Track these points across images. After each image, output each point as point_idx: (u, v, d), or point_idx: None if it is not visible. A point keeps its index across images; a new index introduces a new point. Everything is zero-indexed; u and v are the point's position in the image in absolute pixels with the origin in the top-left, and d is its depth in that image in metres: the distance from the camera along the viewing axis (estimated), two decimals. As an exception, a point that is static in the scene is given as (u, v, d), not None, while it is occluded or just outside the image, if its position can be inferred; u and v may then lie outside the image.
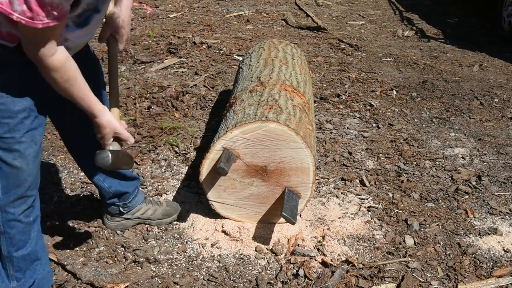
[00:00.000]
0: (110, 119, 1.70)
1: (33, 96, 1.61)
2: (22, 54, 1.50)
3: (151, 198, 2.47)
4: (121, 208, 2.30)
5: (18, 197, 1.69)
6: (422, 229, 2.50)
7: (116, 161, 1.70)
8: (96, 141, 1.88)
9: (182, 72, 4.49)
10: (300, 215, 2.52)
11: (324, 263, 2.22)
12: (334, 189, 2.82)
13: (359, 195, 2.77)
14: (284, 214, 2.17)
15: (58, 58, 1.47)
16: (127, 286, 2.06)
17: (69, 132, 2.00)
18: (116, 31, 1.85)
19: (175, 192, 2.73)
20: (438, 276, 2.19)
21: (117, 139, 1.75)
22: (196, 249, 2.30)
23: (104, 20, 1.80)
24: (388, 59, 5.25)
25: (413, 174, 3.02)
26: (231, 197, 2.39)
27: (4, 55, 1.51)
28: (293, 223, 2.21)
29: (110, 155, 1.67)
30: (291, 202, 2.28)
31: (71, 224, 2.43)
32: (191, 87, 4.11)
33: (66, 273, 2.13)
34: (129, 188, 2.27)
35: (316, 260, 2.24)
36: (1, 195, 1.66)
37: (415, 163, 3.15)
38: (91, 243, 2.31)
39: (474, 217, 2.64)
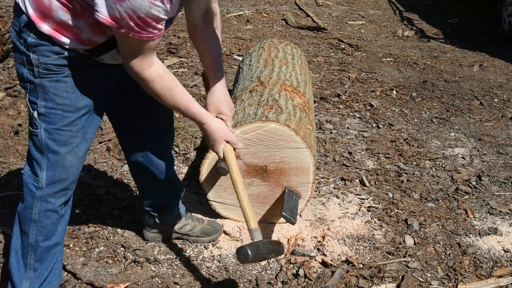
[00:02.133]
0: (219, 125, 1.83)
1: (96, 95, 1.70)
2: (92, 58, 1.62)
3: (192, 214, 2.40)
4: (156, 219, 2.24)
5: (62, 189, 1.74)
6: (422, 229, 2.50)
7: (257, 254, 1.69)
8: (149, 141, 2.02)
9: (182, 72, 4.49)
10: (300, 215, 2.52)
11: (324, 263, 2.22)
12: (334, 189, 2.82)
13: (359, 195, 2.77)
14: (284, 214, 2.17)
15: (156, 69, 1.58)
16: (127, 286, 2.06)
17: (123, 128, 2.04)
18: (219, 113, 1.93)
19: (175, 192, 2.73)
20: (438, 276, 2.19)
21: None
22: (196, 249, 2.30)
23: None
24: (388, 59, 5.25)
25: (413, 174, 3.02)
26: (231, 197, 2.39)
27: (77, 57, 1.60)
28: (293, 223, 2.21)
29: (249, 251, 1.66)
30: (291, 202, 2.28)
31: (71, 224, 2.42)
32: (191, 87, 4.11)
33: (66, 273, 2.13)
34: (170, 201, 2.22)
35: (316, 260, 2.24)
36: (45, 186, 1.71)
37: (415, 163, 3.15)
38: (91, 243, 2.31)
39: (474, 217, 2.64)
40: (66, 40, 1.56)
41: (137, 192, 2.29)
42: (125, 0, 1.37)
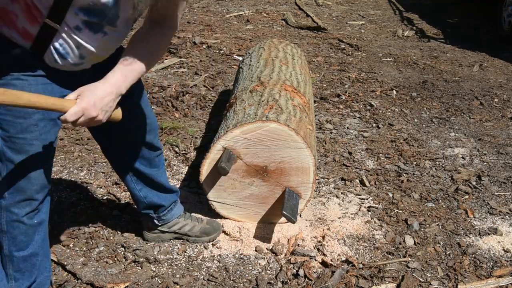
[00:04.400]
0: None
1: None
2: (40, 58, 1.50)
3: (191, 214, 2.39)
4: (155, 221, 2.23)
5: (24, 199, 1.66)
6: (422, 229, 2.50)
7: None
8: (133, 148, 1.93)
9: (182, 72, 4.49)
10: (300, 215, 2.52)
11: (324, 263, 2.22)
12: (334, 189, 2.82)
13: (359, 195, 2.77)
14: (284, 213, 2.17)
15: None
16: (127, 286, 2.06)
17: (105, 138, 1.96)
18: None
19: (175, 192, 2.73)
20: (438, 276, 2.19)
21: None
22: (196, 249, 2.30)
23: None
24: (388, 59, 5.25)
25: (413, 174, 3.02)
26: (231, 197, 2.39)
27: (23, 58, 1.49)
28: (293, 222, 2.21)
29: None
30: (291, 201, 2.28)
31: (71, 224, 2.43)
32: (191, 87, 4.11)
33: (66, 273, 2.13)
34: (165, 201, 2.19)
35: (316, 260, 2.24)
36: (7, 195, 1.63)
37: (415, 163, 3.15)
38: (91, 243, 2.31)
39: (474, 217, 2.64)
40: (5, 29, 1.45)
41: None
42: None
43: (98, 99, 1.47)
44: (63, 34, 1.48)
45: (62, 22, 1.44)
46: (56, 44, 1.49)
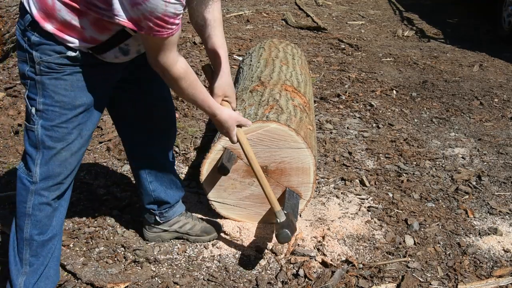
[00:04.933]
0: (230, 113, 1.92)
1: (94, 94, 1.72)
2: (94, 56, 1.65)
3: (192, 214, 2.40)
4: (157, 217, 2.24)
5: (55, 184, 1.76)
6: (422, 229, 2.50)
7: (293, 230, 2.06)
8: (151, 138, 2.05)
9: (182, 72, 4.48)
10: (300, 215, 2.52)
11: (324, 263, 2.22)
12: (334, 189, 2.82)
13: (359, 195, 2.77)
14: (285, 212, 2.17)
15: (181, 65, 1.65)
16: (127, 286, 2.06)
17: (130, 120, 2.04)
18: (226, 96, 2.02)
19: (175, 192, 2.73)
20: (438, 276, 2.19)
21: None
22: (196, 249, 2.30)
23: None
24: (388, 59, 5.25)
25: (413, 174, 3.02)
26: (231, 197, 2.39)
27: (79, 56, 1.63)
28: (293, 223, 2.21)
29: (288, 232, 2.01)
30: (292, 201, 2.28)
31: (71, 224, 2.43)
32: (191, 87, 4.10)
33: (66, 273, 2.13)
34: (171, 198, 2.23)
35: (316, 260, 2.24)
36: (38, 180, 1.73)
37: (415, 163, 3.15)
38: (91, 243, 2.31)
39: (474, 217, 2.64)
40: (69, 38, 1.59)
41: (137, 192, 2.29)
42: (141, 3, 1.40)
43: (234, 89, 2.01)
44: (134, 37, 1.63)
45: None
46: (123, 44, 1.65)
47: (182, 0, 1.46)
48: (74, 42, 1.60)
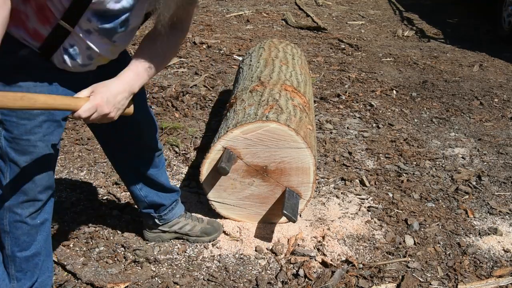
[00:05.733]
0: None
1: None
2: (47, 59, 1.51)
3: (192, 214, 2.39)
4: (156, 220, 2.23)
5: (27, 200, 1.66)
6: (422, 229, 2.50)
7: None
8: (131, 155, 1.93)
9: (182, 72, 4.49)
10: (300, 215, 2.52)
11: (324, 263, 2.22)
12: (334, 189, 2.82)
13: (359, 195, 2.77)
14: (285, 212, 2.18)
15: None
16: (127, 286, 2.06)
17: (107, 138, 1.96)
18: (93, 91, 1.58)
19: (175, 192, 2.73)
20: (438, 276, 2.19)
21: None
22: (196, 249, 2.30)
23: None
24: (388, 59, 5.25)
25: (413, 174, 3.02)
26: (231, 197, 2.39)
27: (30, 59, 1.50)
28: (294, 221, 2.21)
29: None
30: (291, 200, 2.28)
31: (71, 224, 2.43)
32: (191, 87, 4.11)
33: (66, 273, 2.13)
34: (166, 200, 2.20)
35: (316, 260, 2.24)
36: (10, 196, 1.63)
37: (415, 163, 3.15)
38: (91, 243, 2.31)
39: (474, 217, 2.64)
40: (14, 29, 1.45)
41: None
42: None
43: (111, 96, 1.48)
44: (75, 36, 1.50)
45: (75, 25, 1.46)
46: (67, 45, 1.51)
47: None
48: (18, 32, 1.45)
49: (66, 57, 1.53)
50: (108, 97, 1.47)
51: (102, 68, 1.65)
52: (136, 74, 1.55)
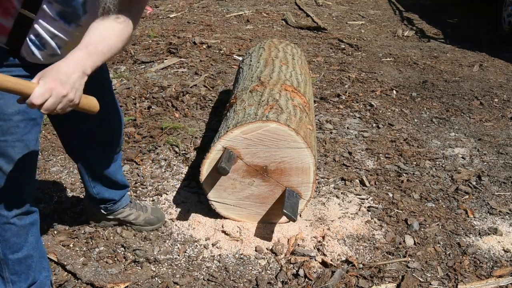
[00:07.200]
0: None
1: None
2: (17, 55, 1.48)
3: (137, 202, 2.43)
4: (102, 211, 2.30)
5: (11, 201, 1.64)
6: (422, 229, 2.50)
7: None
8: (90, 143, 1.92)
9: (182, 72, 4.49)
10: (300, 215, 2.52)
11: (324, 263, 2.22)
12: (334, 189, 2.82)
13: (359, 195, 2.77)
14: (285, 211, 2.18)
15: None
16: (127, 286, 2.06)
17: (67, 134, 1.97)
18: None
19: (175, 192, 2.73)
20: (438, 276, 2.19)
21: None
22: (196, 249, 2.30)
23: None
24: (388, 59, 5.25)
25: (413, 174, 3.02)
26: (231, 197, 2.39)
27: (1, 54, 1.47)
28: (294, 221, 2.21)
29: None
30: (291, 200, 2.28)
31: (71, 224, 2.43)
32: (191, 87, 4.11)
33: (66, 273, 2.13)
34: (117, 196, 2.27)
35: (316, 260, 2.24)
36: None
37: (415, 163, 3.15)
38: (91, 243, 2.31)
39: (474, 217, 2.64)
40: None
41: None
42: None
43: (63, 75, 1.34)
44: (39, 25, 1.46)
45: (37, 11, 1.42)
46: (32, 36, 1.48)
47: None
48: None
49: (34, 48, 1.49)
50: (61, 78, 1.33)
51: None
52: (86, 53, 1.41)
